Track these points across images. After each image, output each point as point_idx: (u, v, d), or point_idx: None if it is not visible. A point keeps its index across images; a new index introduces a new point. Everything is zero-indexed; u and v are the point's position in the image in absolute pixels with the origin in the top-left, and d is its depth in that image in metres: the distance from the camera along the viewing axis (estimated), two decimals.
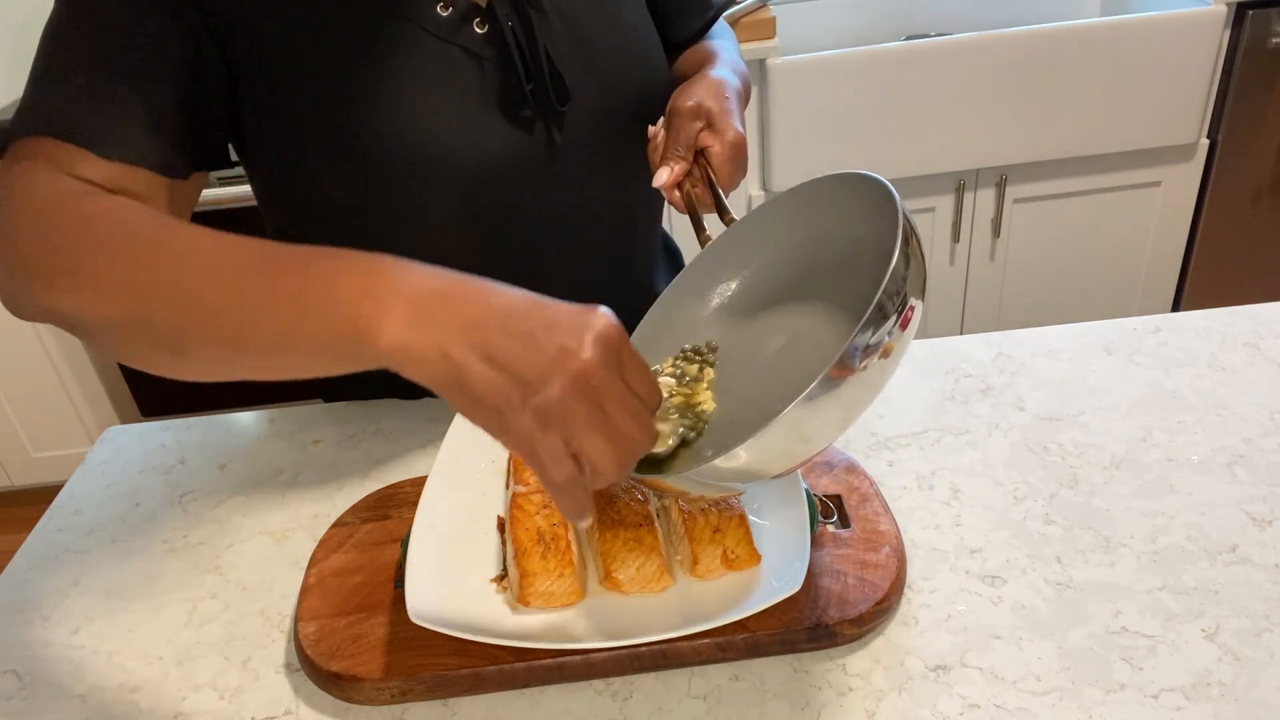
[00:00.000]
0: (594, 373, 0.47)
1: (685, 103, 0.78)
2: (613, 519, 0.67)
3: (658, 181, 0.75)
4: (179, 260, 0.54)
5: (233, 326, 0.52)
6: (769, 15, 1.83)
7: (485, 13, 0.75)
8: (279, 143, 0.76)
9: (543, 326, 0.48)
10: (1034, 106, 1.87)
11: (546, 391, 0.47)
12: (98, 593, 0.76)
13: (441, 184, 0.76)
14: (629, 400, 0.49)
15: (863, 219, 0.60)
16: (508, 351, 0.47)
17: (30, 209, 0.60)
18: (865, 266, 0.58)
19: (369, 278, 0.49)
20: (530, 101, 0.76)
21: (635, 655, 0.63)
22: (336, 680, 0.64)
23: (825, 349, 0.60)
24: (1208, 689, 0.59)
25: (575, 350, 0.47)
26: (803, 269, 0.66)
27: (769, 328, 0.66)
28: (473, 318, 0.48)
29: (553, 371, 0.47)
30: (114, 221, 0.58)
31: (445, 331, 0.47)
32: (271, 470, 0.87)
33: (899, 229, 0.52)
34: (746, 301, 0.69)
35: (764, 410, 0.50)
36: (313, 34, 0.71)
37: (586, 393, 0.47)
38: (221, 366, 0.55)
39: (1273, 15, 1.82)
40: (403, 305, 0.48)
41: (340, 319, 0.49)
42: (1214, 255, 2.09)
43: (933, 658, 0.63)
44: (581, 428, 0.47)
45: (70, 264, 0.57)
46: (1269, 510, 0.72)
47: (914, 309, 0.51)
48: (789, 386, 0.50)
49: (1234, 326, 0.93)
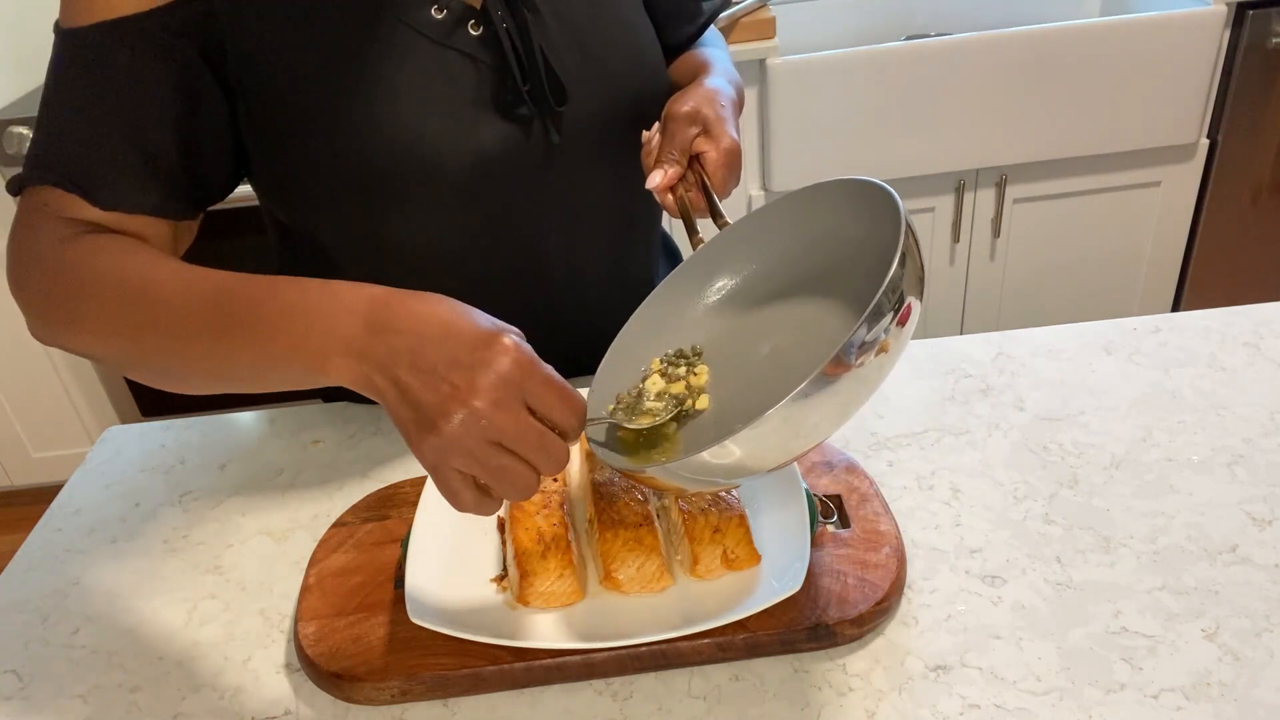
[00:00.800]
0: (484, 413, 0.50)
1: (681, 108, 0.78)
2: (613, 519, 0.67)
3: (651, 184, 0.76)
4: (158, 306, 0.60)
5: (211, 364, 0.59)
6: (769, 15, 1.83)
7: (480, 15, 0.75)
8: (279, 153, 0.76)
9: (445, 363, 0.51)
10: (1034, 106, 1.87)
11: (443, 429, 0.50)
12: (98, 593, 0.76)
13: (439, 185, 0.76)
14: (527, 433, 0.51)
15: (860, 222, 0.60)
16: (410, 388, 0.51)
17: (37, 258, 0.67)
18: (862, 267, 0.58)
19: (307, 321, 0.55)
20: (527, 102, 0.76)
21: (635, 655, 0.63)
22: (336, 680, 0.64)
23: (820, 347, 0.60)
24: (1208, 689, 0.59)
25: (466, 391, 0.50)
26: (799, 270, 0.66)
27: (763, 327, 0.66)
28: (390, 351, 0.52)
29: (446, 410, 0.50)
30: (100, 268, 0.64)
31: (370, 364, 0.53)
32: (271, 470, 0.87)
33: (901, 227, 0.52)
34: (741, 301, 0.69)
35: (759, 407, 0.50)
36: (307, 42, 0.71)
37: (477, 432, 0.50)
38: (216, 388, 0.63)
39: (1273, 15, 1.82)
40: (337, 345, 0.53)
41: (291, 362, 0.55)
42: (1214, 255, 2.09)
43: (933, 658, 0.63)
44: (475, 463, 0.51)
45: (70, 310, 0.64)
46: (1269, 510, 0.72)
47: (911, 307, 0.52)
48: (783, 384, 0.50)
49: (1234, 326, 0.93)
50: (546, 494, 0.70)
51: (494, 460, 0.51)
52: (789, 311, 0.65)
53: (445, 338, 0.51)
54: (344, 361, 0.53)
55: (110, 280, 0.63)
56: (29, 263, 0.68)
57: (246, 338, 0.57)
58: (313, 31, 0.71)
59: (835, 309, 0.62)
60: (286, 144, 0.75)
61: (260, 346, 0.56)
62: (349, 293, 0.55)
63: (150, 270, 0.63)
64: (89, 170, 0.69)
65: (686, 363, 0.66)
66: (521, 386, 0.51)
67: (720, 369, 0.66)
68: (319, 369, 0.54)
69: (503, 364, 0.50)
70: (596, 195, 0.85)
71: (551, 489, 0.71)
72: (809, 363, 0.50)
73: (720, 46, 0.99)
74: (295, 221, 0.83)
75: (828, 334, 0.61)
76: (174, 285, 0.60)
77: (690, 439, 0.61)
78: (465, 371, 0.50)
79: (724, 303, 0.69)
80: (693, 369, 0.65)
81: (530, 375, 0.51)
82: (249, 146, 0.77)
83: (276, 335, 0.55)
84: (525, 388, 0.51)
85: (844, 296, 0.61)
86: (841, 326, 0.60)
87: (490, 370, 0.50)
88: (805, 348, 0.62)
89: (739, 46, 1.80)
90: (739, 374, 0.64)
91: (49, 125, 0.70)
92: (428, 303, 0.53)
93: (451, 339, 0.51)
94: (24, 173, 0.71)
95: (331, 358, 0.54)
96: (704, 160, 0.77)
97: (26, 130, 1.79)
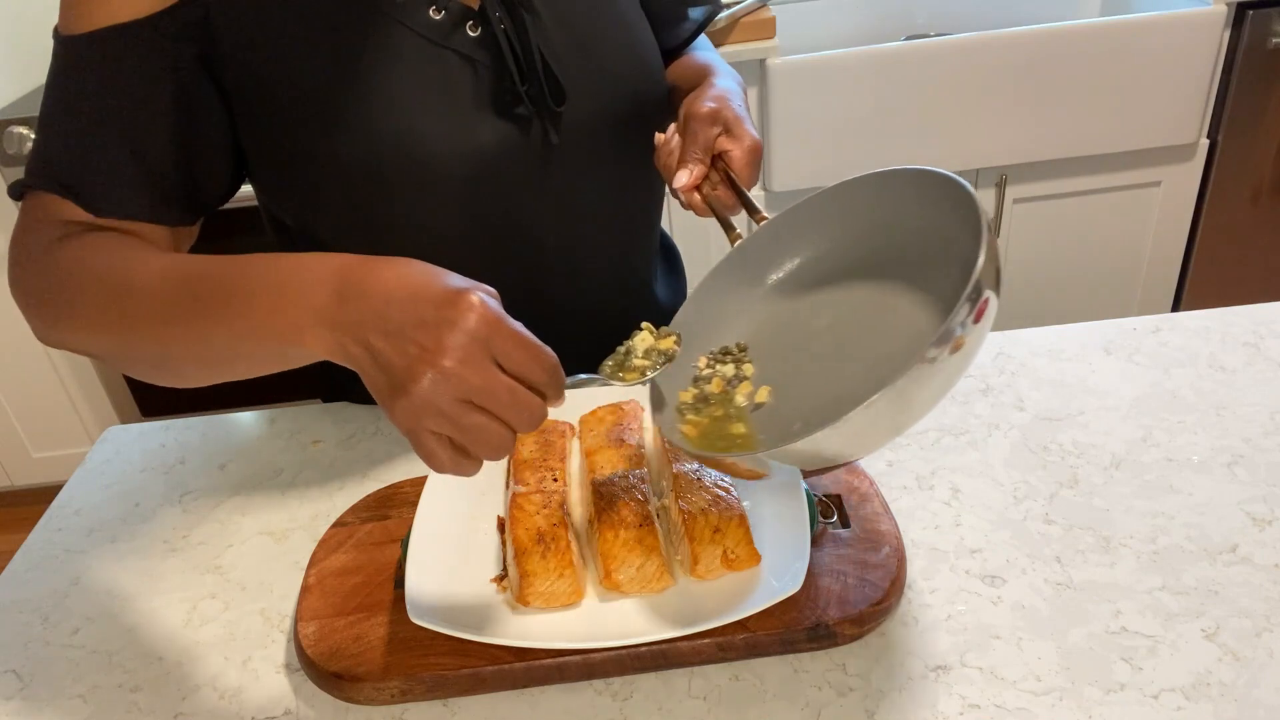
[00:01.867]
0: (451, 371, 0.50)
1: (701, 109, 0.78)
2: (613, 519, 0.67)
3: (678, 183, 0.76)
4: (137, 295, 0.61)
5: (197, 350, 0.60)
6: (769, 15, 1.83)
7: (478, 15, 0.75)
8: (278, 155, 0.76)
9: (412, 324, 0.51)
10: (1034, 106, 1.87)
11: (412, 390, 0.50)
12: (98, 593, 0.76)
13: (439, 187, 0.76)
14: (497, 389, 0.51)
15: (923, 212, 0.61)
16: (381, 352, 0.51)
17: (32, 259, 0.69)
18: (920, 254, 0.60)
19: (280, 294, 0.55)
20: (526, 102, 0.76)
21: (635, 655, 0.63)
22: (336, 680, 0.64)
23: (894, 334, 0.61)
24: (1208, 689, 0.59)
25: (433, 350, 0.50)
26: (850, 258, 0.67)
27: (815, 313, 0.67)
28: (360, 317, 0.52)
29: (415, 372, 0.50)
30: (87, 263, 0.65)
31: (343, 331, 0.53)
32: (271, 470, 0.87)
33: (980, 219, 0.53)
34: (790, 289, 0.70)
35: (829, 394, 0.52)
36: (304, 45, 0.72)
37: (446, 390, 0.50)
38: (209, 377, 0.63)
39: (1273, 15, 1.82)
40: (308, 316, 0.54)
41: (267, 339, 0.56)
42: (1214, 255, 2.09)
43: (933, 658, 0.63)
44: (448, 423, 0.51)
45: (61, 307, 0.66)
46: (1269, 510, 0.72)
47: (989, 301, 0.51)
48: (850, 372, 0.53)
49: (1234, 326, 0.93)
50: (546, 494, 0.70)
51: (465, 418, 0.51)
52: (842, 299, 0.66)
53: (412, 299, 0.51)
54: (317, 331, 0.53)
55: (95, 274, 0.64)
56: (25, 263, 0.69)
57: (220, 316, 0.57)
58: (310, 34, 0.71)
59: (900, 297, 0.63)
60: (286, 146, 0.75)
61: (235, 323, 0.57)
62: (319, 264, 0.55)
63: (132, 263, 0.63)
64: (85, 177, 0.70)
65: (733, 358, 0.67)
66: (489, 342, 0.51)
67: (774, 356, 0.67)
68: (295, 341, 0.54)
69: (469, 321, 0.50)
70: (595, 195, 0.85)
71: (552, 489, 0.71)
72: (877, 350, 0.52)
73: (712, 50, 0.99)
74: (295, 222, 0.83)
75: (900, 322, 0.61)
76: (152, 274, 0.61)
77: (765, 427, 0.62)
78: (432, 330, 0.50)
79: (774, 290, 0.70)
80: (740, 364, 0.67)
81: (497, 331, 0.51)
82: (248, 149, 0.77)
83: (250, 311, 0.56)
84: (492, 343, 0.51)
85: (908, 284, 0.62)
86: (917, 316, 0.60)
87: (456, 328, 0.50)
88: (872, 335, 0.62)
89: (739, 46, 1.80)
90: (796, 361, 0.65)
91: (48, 131, 0.71)
92: (395, 266, 0.53)
93: (419, 300, 0.51)
94: (25, 178, 0.72)
95: (305, 329, 0.54)
96: (729, 159, 0.77)
97: (26, 130, 1.79)
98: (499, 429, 0.52)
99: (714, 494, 0.68)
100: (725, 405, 0.65)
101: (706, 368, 0.68)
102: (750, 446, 0.61)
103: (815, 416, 0.56)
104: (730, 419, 0.64)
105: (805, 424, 0.57)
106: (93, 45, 0.68)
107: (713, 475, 0.70)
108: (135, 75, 0.69)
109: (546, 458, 0.74)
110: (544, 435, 0.77)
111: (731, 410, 0.64)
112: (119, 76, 0.69)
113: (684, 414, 0.65)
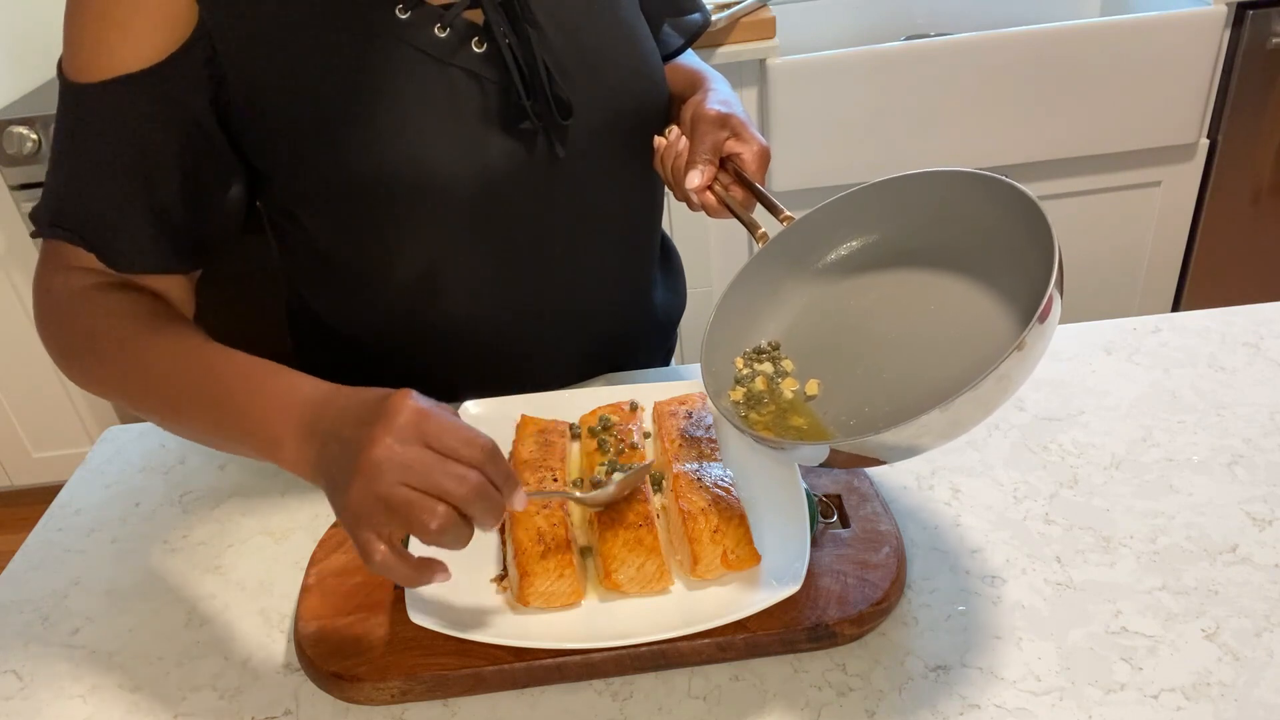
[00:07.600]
0: (384, 457, 0.53)
1: (710, 112, 0.79)
2: (613, 519, 0.67)
3: (690, 184, 0.76)
4: (151, 376, 0.67)
5: (195, 434, 0.68)
6: (769, 15, 1.82)
7: (483, 31, 0.75)
8: (288, 177, 0.77)
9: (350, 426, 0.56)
10: (1033, 106, 1.87)
11: (349, 490, 0.54)
12: (98, 593, 0.76)
13: (447, 205, 0.77)
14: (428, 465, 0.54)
15: (994, 212, 0.62)
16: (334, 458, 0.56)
17: (54, 311, 0.73)
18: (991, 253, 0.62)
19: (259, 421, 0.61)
20: (532, 117, 0.76)
21: (635, 655, 0.63)
22: (336, 680, 0.64)
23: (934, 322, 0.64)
24: (1208, 689, 0.59)
25: (367, 444, 0.54)
26: (882, 254, 0.68)
27: (855, 308, 0.68)
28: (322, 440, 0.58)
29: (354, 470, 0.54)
30: (108, 332, 0.70)
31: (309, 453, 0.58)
32: (271, 470, 0.87)
33: (1047, 222, 0.56)
34: (824, 283, 0.71)
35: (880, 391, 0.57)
36: (311, 68, 0.72)
37: (383, 478, 0.53)
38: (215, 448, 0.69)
39: (1273, 15, 1.82)
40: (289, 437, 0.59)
41: (251, 448, 0.63)
42: (1214, 255, 2.09)
43: (933, 658, 0.63)
44: (384, 510, 0.54)
45: (81, 361, 0.72)
46: (1269, 510, 0.72)
47: (1053, 300, 0.54)
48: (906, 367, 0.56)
49: (1234, 326, 0.93)
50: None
51: (399, 496, 0.53)
52: (889, 288, 0.67)
53: (350, 407, 0.57)
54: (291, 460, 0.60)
55: (114, 340, 0.70)
56: (50, 309, 0.73)
57: (216, 418, 0.64)
58: (317, 58, 0.72)
59: (955, 288, 0.64)
60: (295, 168, 0.76)
61: (226, 437, 0.64)
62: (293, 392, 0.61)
63: (150, 336, 0.69)
64: (102, 232, 0.73)
65: (769, 357, 0.68)
66: (419, 429, 0.54)
67: (817, 347, 0.68)
68: (275, 460, 0.61)
69: (398, 415, 0.54)
70: (600, 204, 0.85)
71: (551, 489, 0.71)
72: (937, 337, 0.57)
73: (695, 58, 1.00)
74: (303, 237, 0.83)
75: (959, 311, 0.63)
76: (166, 359, 0.67)
77: (831, 416, 0.64)
78: (366, 428, 0.55)
79: (818, 278, 0.71)
80: (777, 361, 0.68)
81: (426, 419, 0.54)
82: (260, 171, 0.78)
83: (236, 432, 0.63)
84: (423, 429, 0.54)
85: (967, 276, 0.64)
86: (978, 304, 0.62)
87: (386, 421, 0.54)
88: (927, 323, 0.64)
89: (739, 46, 1.80)
90: (842, 350, 0.67)
91: (62, 177, 0.73)
92: (358, 394, 0.58)
93: (354, 406, 0.57)
94: (43, 225, 0.74)
95: (278, 452, 0.60)
96: (740, 161, 0.78)
97: (27, 130, 1.78)
98: (433, 504, 0.53)
99: (714, 494, 0.68)
100: (777, 400, 0.66)
101: (745, 368, 0.68)
102: (822, 435, 0.62)
103: (883, 403, 0.59)
104: (786, 413, 0.65)
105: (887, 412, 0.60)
106: (104, 96, 0.69)
107: (713, 475, 0.70)
108: (146, 126, 0.70)
109: (546, 458, 0.74)
110: (544, 435, 0.77)
111: (784, 404, 0.65)
112: (133, 129, 0.70)
113: (742, 414, 0.65)
